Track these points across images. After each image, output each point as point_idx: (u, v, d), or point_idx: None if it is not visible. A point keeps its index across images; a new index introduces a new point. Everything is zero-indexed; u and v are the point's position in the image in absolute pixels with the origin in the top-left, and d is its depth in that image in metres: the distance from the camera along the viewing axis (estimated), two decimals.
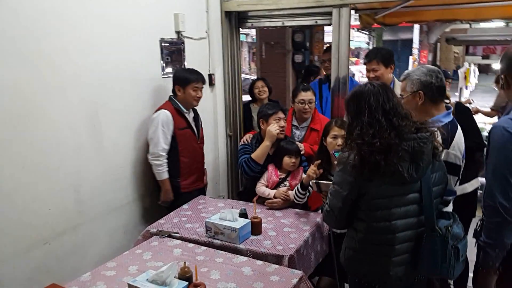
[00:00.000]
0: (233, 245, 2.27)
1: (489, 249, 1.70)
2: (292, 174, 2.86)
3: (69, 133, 2.48)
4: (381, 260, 1.72)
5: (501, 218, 1.63)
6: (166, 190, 2.98)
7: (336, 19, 3.25)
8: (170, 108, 2.94)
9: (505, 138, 1.62)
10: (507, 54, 1.77)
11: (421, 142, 1.64)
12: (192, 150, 3.07)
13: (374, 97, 1.68)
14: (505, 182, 1.62)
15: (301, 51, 5.82)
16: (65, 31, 2.40)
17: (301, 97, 3.16)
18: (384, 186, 1.65)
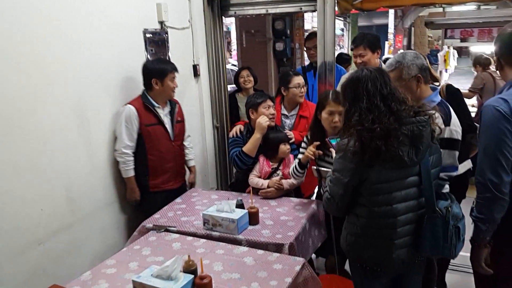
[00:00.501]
0: (232, 236, 2.27)
1: (480, 224, 1.76)
2: (283, 163, 2.87)
3: (57, 131, 2.42)
4: (383, 244, 1.76)
5: (490, 193, 1.69)
6: (130, 188, 2.87)
7: (321, 5, 3.25)
8: (138, 103, 2.79)
9: (495, 116, 1.67)
10: (500, 36, 1.82)
11: (420, 125, 1.66)
12: (163, 148, 2.89)
13: (372, 83, 1.69)
14: (495, 160, 1.67)
15: (282, 39, 5.78)
16: (48, 27, 2.32)
17: (296, 81, 3.17)
18: (384, 171, 1.67)
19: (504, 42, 1.78)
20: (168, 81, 2.83)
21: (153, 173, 2.90)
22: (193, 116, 3.64)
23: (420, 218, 1.75)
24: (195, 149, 3.70)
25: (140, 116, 2.77)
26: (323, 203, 1.91)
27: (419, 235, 1.75)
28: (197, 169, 3.73)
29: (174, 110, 3.00)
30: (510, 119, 1.66)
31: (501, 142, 1.66)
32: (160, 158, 2.89)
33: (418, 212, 1.75)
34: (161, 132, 2.88)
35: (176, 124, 2.99)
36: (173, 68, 2.86)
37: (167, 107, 2.96)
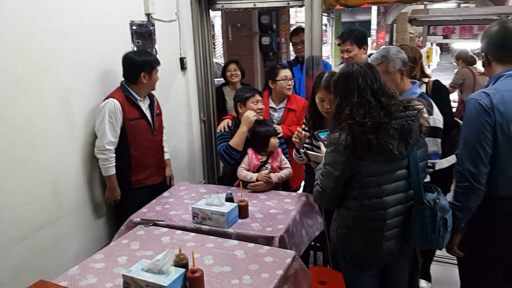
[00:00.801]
0: (222, 230, 2.26)
1: (457, 211, 1.82)
2: (272, 157, 2.88)
3: (43, 124, 2.36)
4: (374, 236, 1.78)
5: (468, 183, 1.76)
6: (111, 187, 2.74)
7: (308, 1, 3.25)
8: (120, 97, 2.67)
9: (477, 110, 1.74)
10: (486, 33, 1.88)
11: (409, 120, 1.69)
12: (146, 143, 2.81)
13: (362, 78, 1.71)
14: (474, 151, 1.74)
15: (268, 33, 5.78)
16: (34, 17, 2.26)
17: (283, 73, 3.18)
18: (375, 164, 1.70)
19: (492, 39, 1.84)
20: (155, 74, 2.78)
21: (136, 168, 2.80)
22: (180, 110, 3.62)
23: (408, 210, 1.78)
24: (182, 143, 3.69)
25: (124, 110, 2.66)
26: (314, 197, 1.92)
27: (408, 227, 1.78)
28: (183, 164, 3.73)
29: (153, 103, 2.91)
30: (491, 112, 1.71)
31: (481, 135, 1.73)
32: (143, 153, 2.81)
33: (407, 204, 1.79)
34: (145, 126, 2.80)
35: (156, 117, 2.91)
36: (157, 60, 2.82)
37: (147, 100, 2.87)
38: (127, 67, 2.72)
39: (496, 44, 1.83)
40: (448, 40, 5.98)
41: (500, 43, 1.82)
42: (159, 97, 3.30)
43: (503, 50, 1.82)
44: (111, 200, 2.79)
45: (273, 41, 5.82)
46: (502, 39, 1.81)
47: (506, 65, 1.83)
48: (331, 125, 1.81)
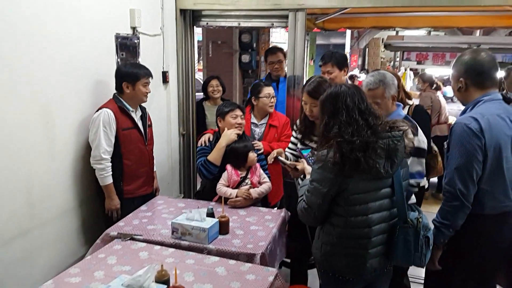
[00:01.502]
0: (202, 246, 2.24)
1: (444, 229, 1.93)
2: (251, 171, 2.89)
3: (21, 131, 2.31)
4: (358, 253, 1.82)
5: (459, 202, 1.87)
6: (109, 196, 2.75)
7: (292, 22, 3.35)
8: (113, 107, 2.72)
9: (467, 133, 1.85)
10: (462, 60, 2.03)
11: (395, 140, 1.76)
12: (138, 153, 2.86)
13: (350, 98, 1.77)
14: (465, 172, 1.86)
15: (248, 52, 5.88)
16: (17, 23, 2.22)
17: (266, 91, 3.23)
18: (362, 181, 1.75)
19: (469, 65, 1.99)
20: (140, 86, 2.78)
21: (128, 178, 2.83)
22: (160, 123, 3.60)
23: (391, 228, 1.83)
24: (161, 156, 3.66)
25: (117, 120, 2.71)
26: (299, 213, 1.93)
27: (391, 245, 1.83)
28: (161, 177, 3.68)
29: (145, 114, 2.97)
30: (481, 136, 1.84)
31: (473, 157, 1.85)
32: (135, 162, 2.85)
33: (390, 222, 1.84)
34: (137, 136, 2.84)
35: (148, 128, 2.96)
36: (146, 73, 2.81)
37: (139, 111, 2.92)
38: (115, 77, 2.80)
39: (474, 71, 1.98)
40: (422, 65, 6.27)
41: (479, 70, 1.97)
42: None
43: (481, 76, 1.97)
44: (111, 210, 2.77)
45: (252, 59, 5.91)
46: (479, 66, 1.97)
47: (483, 91, 1.98)
48: (319, 143, 1.85)
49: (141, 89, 2.79)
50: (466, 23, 5.13)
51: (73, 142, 2.69)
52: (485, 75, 1.97)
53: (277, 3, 3.30)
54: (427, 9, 4.42)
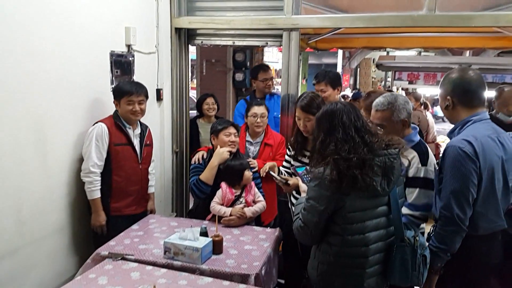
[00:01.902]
0: (195, 266, 2.20)
1: (442, 254, 1.91)
2: (246, 190, 2.87)
3: (13, 148, 2.28)
4: (355, 272, 1.80)
5: (456, 227, 1.86)
6: (96, 211, 2.71)
7: (286, 42, 3.38)
8: (109, 122, 2.75)
9: (461, 157, 1.84)
10: (450, 79, 2.03)
11: (391, 157, 1.76)
12: (129, 170, 2.82)
13: (346, 115, 1.78)
14: (462, 197, 1.85)
15: (242, 70, 5.92)
16: (13, 38, 2.22)
17: (253, 110, 3.22)
18: (359, 199, 1.74)
19: (456, 83, 2.00)
20: (123, 104, 2.75)
21: (116, 195, 2.79)
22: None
23: (388, 247, 1.82)
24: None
25: (110, 135, 2.70)
26: (295, 232, 1.91)
27: (388, 264, 1.81)
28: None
29: (144, 133, 2.95)
30: (475, 159, 1.83)
31: (468, 181, 1.84)
32: (125, 179, 2.80)
33: (387, 241, 1.83)
34: (130, 153, 2.81)
35: (144, 147, 2.93)
36: (131, 91, 2.75)
37: (138, 129, 2.91)
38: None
39: (462, 89, 1.98)
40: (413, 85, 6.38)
41: (466, 89, 1.98)
42: None
43: (468, 95, 1.98)
44: (96, 226, 2.73)
45: (246, 77, 5.95)
46: (467, 85, 1.97)
47: (471, 110, 1.99)
48: (315, 160, 1.84)
49: (124, 106, 2.76)
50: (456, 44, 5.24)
51: (66, 159, 2.66)
52: (473, 93, 1.98)
53: (272, 23, 3.34)
54: (418, 30, 4.51)
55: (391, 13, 3.09)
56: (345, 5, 3.75)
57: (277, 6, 3.34)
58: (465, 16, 2.86)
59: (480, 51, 6.55)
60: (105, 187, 2.74)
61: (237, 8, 3.46)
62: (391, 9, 3.13)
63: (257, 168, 3.07)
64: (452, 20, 2.91)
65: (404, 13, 3.01)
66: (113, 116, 2.80)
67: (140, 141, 2.90)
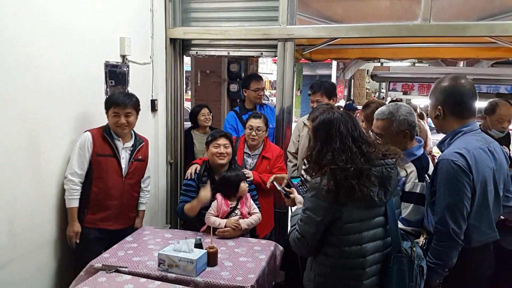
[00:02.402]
0: (189, 278, 2.17)
1: (439, 269, 1.89)
2: (241, 202, 2.84)
3: (6, 159, 2.25)
4: (352, 284, 1.77)
5: (452, 242, 1.84)
6: (69, 221, 2.63)
7: (281, 52, 3.38)
8: (97, 132, 2.69)
9: (455, 170, 1.81)
10: (442, 87, 1.98)
11: (388, 167, 1.75)
12: (110, 183, 2.70)
13: (344, 125, 1.76)
14: (456, 211, 1.82)
15: (237, 81, 5.90)
16: (7, 48, 2.20)
17: (249, 123, 3.19)
18: (356, 210, 1.72)
19: (448, 93, 1.95)
20: (110, 115, 2.70)
21: (93, 207, 2.69)
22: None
23: (385, 258, 1.79)
24: None
25: (94, 144, 2.64)
26: (291, 243, 1.87)
27: (385, 275, 1.78)
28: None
29: (136, 146, 2.85)
30: (469, 172, 1.81)
31: (462, 194, 1.81)
32: (104, 192, 2.70)
33: (384, 252, 1.80)
34: (113, 166, 2.71)
35: (133, 162, 2.82)
36: (116, 102, 2.66)
37: (130, 142, 2.83)
38: None
39: (454, 100, 1.94)
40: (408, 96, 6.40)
41: (458, 100, 1.94)
42: None
43: (460, 106, 1.94)
44: (69, 236, 2.64)
45: (241, 88, 5.92)
46: (459, 95, 1.93)
47: (462, 121, 1.95)
48: (311, 170, 1.82)
49: (110, 118, 2.71)
50: (451, 54, 5.27)
51: (59, 171, 2.62)
52: (465, 104, 1.94)
53: (266, 33, 3.34)
54: (413, 40, 4.54)
55: (386, 23, 3.10)
56: (340, 15, 3.79)
57: (272, 17, 3.35)
58: (459, 26, 2.88)
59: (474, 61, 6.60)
60: (84, 197, 2.67)
61: (232, 18, 3.47)
62: (386, 19, 3.15)
63: (253, 178, 3.04)
64: (447, 30, 2.92)
65: (399, 23, 3.03)
66: (104, 126, 2.75)
67: (129, 155, 2.80)
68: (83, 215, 2.67)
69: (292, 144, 3.46)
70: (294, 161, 3.42)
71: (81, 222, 2.66)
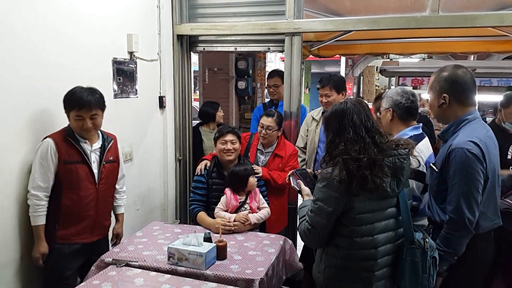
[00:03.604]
0: (199, 271, 2.17)
1: (449, 257, 1.91)
2: (250, 196, 2.84)
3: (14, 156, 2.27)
4: (364, 276, 1.75)
5: (466, 230, 1.85)
6: (36, 240, 2.32)
7: (288, 46, 3.37)
8: (60, 136, 2.34)
9: (470, 159, 1.82)
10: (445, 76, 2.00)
11: (401, 158, 1.73)
12: (83, 192, 2.38)
13: (357, 115, 1.74)
14: (472, 199, 1.83)
15: (245, 78, 5.92)
16: (15, 45, 2.22)
17: (261, 120, 3.17)
18: (368, 201, 1.70)
19: (453, 81, 1.98)
20: (72, 118, 2.34)
21: (65, 221, 2.37)
22: (155, 148, 3.57)
23: (397, 249, 1.78)
24: (156, 182, 3.60)
25: (59, 151, 2.30)
26: (301, 235, 1.86)
27: (397, 267, 1.77)
28: (157, 202, 3.63)
29: (105, 147, 2.50)
30: (483, 160, 1.84)
31: (477, 182, 1.83)
32: (78, 203, 2.37)
33: (395, 243, 1.78)
34: (85, 172, 2.38)
35: (105, 164, 2.48)
36: (79, 105, 2.29)
37: (98, 143, 2.48)
38: None
39: (460, 87, 1.97)
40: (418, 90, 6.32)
41: (463, 87, 1.97)
42: (137, 134, 3.27)
43: (465, 93, 1.98)
44: (35, 257, 2.33)
45: (249, 85, 5.95)
46: (464, 83, 1.96)
47: (465, 108, 1.99)
48: (322, 160, 1.80)
49: (73, 122, 2.35)
50: (461, 48, 5.19)
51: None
52: (468, 92, 1.97)
53: (273, 27, 3.33)
54: (422, 34, 4.49)
55: (394, 14, 3.07)
56: (347, 9, 3.76)
57: (279, 11, 3.34)
58: (469, 16, 2.84)
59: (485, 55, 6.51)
60: (53, 212, 2.34)
61: (238, 13, 3.47)
62: (394, 11, 3.11)
63: (261, 174, 3.03)
64: (455, 21, 2.88)
65: (407, 15, 2.99)
66: (66, 128, 2.39)
67: (99, 157, 2.46)
68: (53, 231, 2.36)
69: (301, 138, 3.45)
70: (302, 156, 3.41)
71: (52, 238, 2.36)
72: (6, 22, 2.17)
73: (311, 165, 3.24)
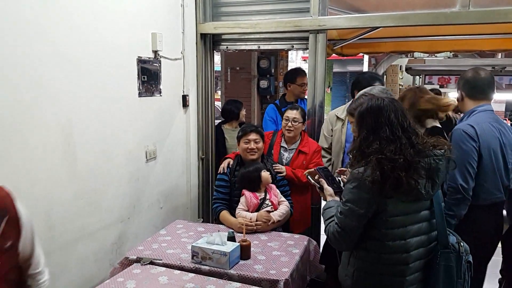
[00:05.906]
0: (223, 271, 2.16)
1: (450, 218, 2.19)
2: (268, 191, 2.81)
3: (42, 154, 2.29)
4: (395, 281, 1.69)
5: (461, 195, 2.23)
6: None
7: (312, 44, 3.31)
8: None
9: (464, 137, 2.26)
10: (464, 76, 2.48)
11: (437, 159, 1.66)
12: None
13: (394, 114, 1.67)
14: (464, 169, 2.23)
15: (267, 77, 5.89)
16: (42, 44, 2.25)
17: (286, 114, 3.15)
18: (401, 203, 1.64)
19: (467, 80, 2.46)
20: None
21: None
22: (178, 146, 3.58)
23: (429, 253, 1.71)
24: (179, 180, 3.61)
25: None
26: (330, 237, 1.79)
27: (430, 272, 1.71)
28: (180, 201, 3.63)
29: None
30: (475, 139, 2.25)
31: (469, 157, 2.24)
32: None
33: (428, 247, 1.72)
34: None
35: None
36: None
37: None
38: None
39: (470, 84, 2.44)
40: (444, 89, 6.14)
41: (473, 84, 2.43)
42: (161, 133, 3.29)
43: (474, 89, 2.43)
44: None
45: (271, 84, 5.92)
46: (474, 81, 2.42)
47: (476, 101, 2.43)
48: (353, 158, 1.74)
49: None
50: (489, 46, 5.02)
51: (94, 166, 2.65)
52: (478, 88, 2.41)
53: (297, 25, 3.29)
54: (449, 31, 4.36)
55: (422, 10, 2.98)
56: (373, 7, 3.68)
57: (303, 8, 3.29)
58: (501, 11, 2.72)
59: None
60: None
61: (262, 11, 3.43)
62: (422, 7, 3.02)
63: (285, 172, 3.00)
64: (487, 16, 2.78)
65: (436, 10, 2.90)
66: None
67: None
68: None
69: (324, 139, 3.38)
70: (328, 156, 3.35)
71: None
72: (34, 21, 2.19)
73: (338, 165, 3.18)
